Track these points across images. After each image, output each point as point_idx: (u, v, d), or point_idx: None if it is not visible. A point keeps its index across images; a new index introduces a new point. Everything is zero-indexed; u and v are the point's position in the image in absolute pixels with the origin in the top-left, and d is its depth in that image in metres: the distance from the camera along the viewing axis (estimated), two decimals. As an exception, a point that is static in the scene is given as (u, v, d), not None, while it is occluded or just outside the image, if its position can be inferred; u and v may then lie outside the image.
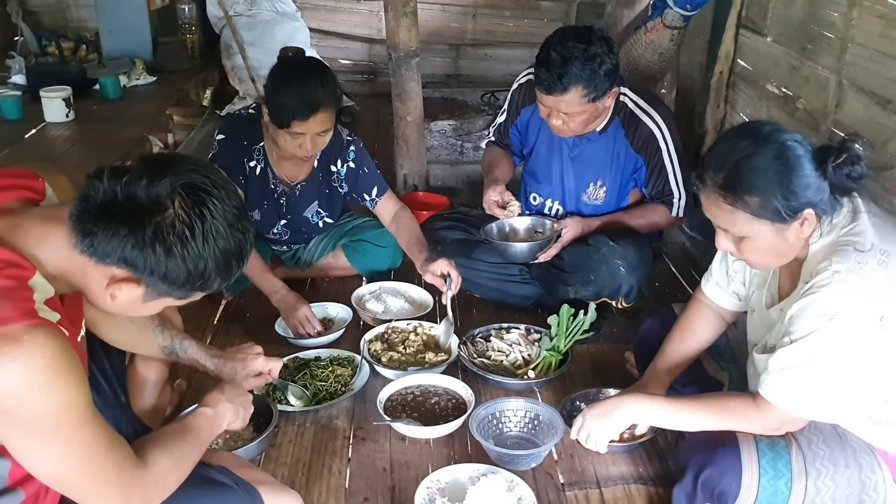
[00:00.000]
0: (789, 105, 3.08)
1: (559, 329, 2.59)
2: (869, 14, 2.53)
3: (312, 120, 2.63)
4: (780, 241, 1.77)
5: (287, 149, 2.74)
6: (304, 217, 3.08)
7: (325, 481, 2.18)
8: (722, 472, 1.79)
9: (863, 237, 1.70)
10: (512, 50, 6.18)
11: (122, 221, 1.28)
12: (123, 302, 1.38)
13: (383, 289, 3.10)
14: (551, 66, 2.54)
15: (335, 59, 6.01)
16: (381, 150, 4.90)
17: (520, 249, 2.82)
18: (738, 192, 1.73)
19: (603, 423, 2.02)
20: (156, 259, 1.30)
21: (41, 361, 1.21)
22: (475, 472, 2.13)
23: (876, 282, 1.65)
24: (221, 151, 2.86)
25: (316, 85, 2.63)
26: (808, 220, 1.72)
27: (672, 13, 3.53)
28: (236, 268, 1.41)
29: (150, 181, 1.29)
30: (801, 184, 1.70)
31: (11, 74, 5.24)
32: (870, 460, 1.78)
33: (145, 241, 1.29)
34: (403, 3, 3.89)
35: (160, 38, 5.77)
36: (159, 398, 2.17)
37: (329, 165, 3.00)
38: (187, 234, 1.30)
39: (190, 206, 1.31)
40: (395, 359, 2.64)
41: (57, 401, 1.24)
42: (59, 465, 1.29)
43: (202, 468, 1.59)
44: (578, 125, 2.69)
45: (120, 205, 1.29)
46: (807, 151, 1.72)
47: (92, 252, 1.30)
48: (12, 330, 1.20)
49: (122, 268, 1.32)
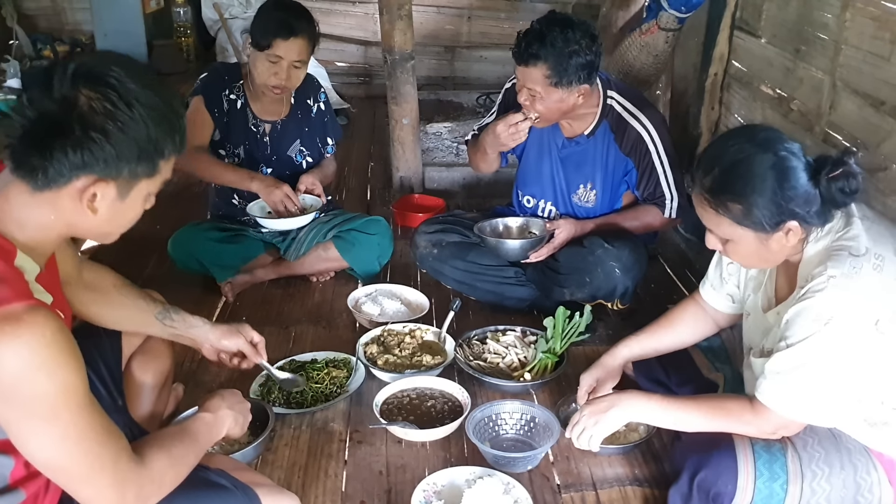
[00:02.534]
0: (783, 106, 3.09)
1: (555, 331, 2.59)
2: (862, 16, 2.53)
3: (292, 41, 2.87)
4: (762, 248, 1.79)
5: (262, 76, 2.94)
6: (289, 157, 3.21)
7: (322, 484, 2.18)
8: (718, 474, 1.79)
9: (857, 241, 1.71)
10: (507, 52, 6.04)
11: (51, 136, 1.28)
12: (106, 211, 1.37)
13: (379, 291, 3.10)
14: (528, 35, 2.63)
15: (330, 62, 6.01)
16: (377, 153, 4.90)
17: (512, 247, 2.85)
18: (721, 198, 1.76)
19: (598, 419, 2.02)
20: (99, 147, 1.29)
21: (42, 341, 1.22)
22: (471, 474, 2.13)
23: (871, 286, 1.66)
24: (202, 85, 3.09)
25: (299, 14, 2.93)
26: (792, 230, 1.74)
27: (667, 15, 3.54)
28: (175, 118, 1.40)
29: (46, 89, 1.28)
30: (784, 196, 1.70)
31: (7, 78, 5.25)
32: (865, 462, 1.78)
33: (80, 138, 1.28)
34: (398, 6, 3.89)
35: (155, 40, 5.79)
36: (156, 403, 2.16)
37: (306, 100, 3.22)
38: (109, 107, 1.29)
39: (95, 85, 1.30)
40: (391, 361, 2.64)
41: (57, 382, 1.25)
42: (57, 449, 1.29)
43: (200, 470, 1.58)
44: (544, 110, 2.70)
45: (38, 126, 1.28)
46: (800, 162, 1.73)
47: (48, 182, 1.30)
48: (13, 309, 1.22)
49: (80, 175, 1.31)
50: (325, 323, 3.00)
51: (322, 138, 3.28)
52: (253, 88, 3.07)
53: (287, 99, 3.16)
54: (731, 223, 1.77)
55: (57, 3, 6.38)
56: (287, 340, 2.84)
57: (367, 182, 4.54)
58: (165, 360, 2.13)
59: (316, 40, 3.00)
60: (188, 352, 2.61)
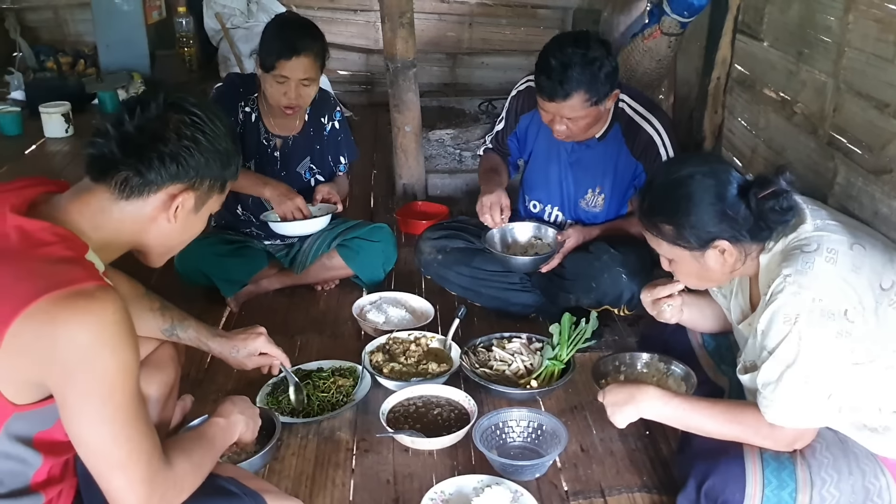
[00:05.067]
0: (787, 109, 3.08)
1: (561, 337, 2.58)
2: (865, 18, 2.53)
3: (295, 61, 2.84)
4: (700, 267, 1.88)
5: (273, 97, 2.93)
6: (298, 173, 3.19)
7: (329, 494, 2.18)
8: (725, 482, 1.79)
9: (808, 240, 1.77)
10: (509, 58, 6.19)
11: (150, 147, 1.45)
12: (182, 220, 1.53)
13: (384, 299, 3.10)
14: (552, 73, 2.55)
15: (333, 70, 6.01)
16: (380, 160, 4.91)
17: (522, 263, 2.82)
18: (654, 220, 1.88)
19: (616, 411, 2.03)
20: (192, 156, 1.48)
21: (112, 318, 1.31)
22: (479, 482, 2.13)
23: (826, 277, 1.70)
24: (217, 95, 3.12)
25: (303, 32, 2.92)
26: (725, 249, 1.82)
27: (669, 20, 3.54)
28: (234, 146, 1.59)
29: (143, 109, 1.47)
30: (712, 217, 1.80)
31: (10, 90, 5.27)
32: (873, 466, 1.78)
33: (177, 149, 1.47)
34: (400, 14, 3.90)
35: (158, 51, 5.80)
36: (162, 414, 2.15)
37: (319, 118, 3.20)
38: (199, 122, 1.49)
39: (180, 108, 1.49)
40: (397, 370, 2.63)
41: (119, 360, 1.33)
42: (105, 431, 1.34)
43: (211, 477, 1.60)
44: (581, 129, 2.70)
45: (136, 138, 1.45)
46: (730, 185, 1.81)
47: (138, 192, 1.46)
48: (87, 287, 1.31)
49: (172, 185, 1.49)
50: (331, 332, 3.00)
51: (335, 157, 3.27)
52: (266, 105, 3.06)
53: (301, 115, 3.14)
54: (667, 244, 1.88)
55: (59, 14, 6.40)
56: (292, 349, 2.83)
57: (371, 190, 4.54)
58: (170, 372, 2.13)
59: (324, 56, 2.98)
60: (194, 362, 2.62)
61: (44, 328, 1.28)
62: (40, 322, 1.27)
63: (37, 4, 6.36)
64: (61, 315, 1.28)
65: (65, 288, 1.29)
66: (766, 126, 3.18)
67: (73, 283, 1.30)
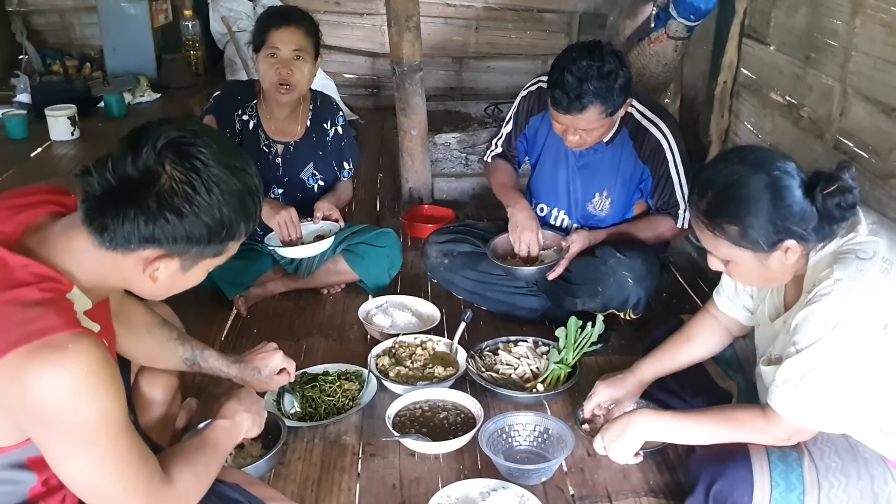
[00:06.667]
0: (794, 114, 3.08)
1: (567, 341, 2.58)
2: (872, 22, 2.53)
3: (286, 30, 2.87)
4: (762, 267, 1.79)
5: (266, 76, 2.91)
6: (301, 180, 3.17)
7: (335, 498, 2.17)
8: (733, 485, 1.78)
9: (864, 246, 1.71)
10: (515, 62, 6.18)
11: (126, 203, 1.30)
12: (166, 280, 1.41)
13: (390, 303, 3.10)
14: (567, 87, 2.54)
15: (339, 74, 6.02)
16: (386, 164, 4.91)
17: (529, 273, 2.83)
18: (717, 220, 1.76)
19: (618, 444, 2.02)
20: (172, 226, 1.32)
21: (85, 370, 1.24)
22: (485, 487, 2.13)
23: (878, 288, 1.65)
24: (215, 104, 3.09)
25: (294, 9, 2.98)
26: (791, 249, 1.74)
27: (676, 24, 3.54)
28: (252, 204, 1.41)
29: (133, 156, 1.31)
30: (780, 215, 1.71)
31: (17, 93, 5.28)
32: (882, 471, 1.77)
33: (154, 214, 1.30)
34: (406, 18, 3.90)
35: (164, 54, 5.81)
36: (166, 417, 2.16)
37: (322, 123, 3.18)
38: (188, 190, 1.31)
39: (180, 162, 1.32)
40: (403, 373, 2.63)
41: (98, 409, 1.26)
42: (94, 474, 1.31)
43: (216, 484, 1.59)
44: (594, 139, 2.72)
45: (117, 190, 1.30)
46: (794, 180, 1.73)
47: (114, 244, 1.33)
48: (58, 338, 1.23)
49: (147, 247, 1.34)
50: (337, 335, 2.99)
51: (338, 162, 3.25)
52: (265, 100, 3.05)
53: (302, 120, 3.14)
54: (728, 245, 1.78)
55: (66, 18, 6.41)
56: (298, 353, 2.83)
57: (377, 193, 4.54)
58: (174, 374, 2.14)
59: (317, 36, 2.99)
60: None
61: (14, 384, 1.21)
62: (10, 378, 1.21)
63: (43, 8, 6.38)
64: (31, 370, 1.21)
65: (35, 340, 1.21)
66: (773, 130, 3.18)
67: (43, 333, 1.22)
